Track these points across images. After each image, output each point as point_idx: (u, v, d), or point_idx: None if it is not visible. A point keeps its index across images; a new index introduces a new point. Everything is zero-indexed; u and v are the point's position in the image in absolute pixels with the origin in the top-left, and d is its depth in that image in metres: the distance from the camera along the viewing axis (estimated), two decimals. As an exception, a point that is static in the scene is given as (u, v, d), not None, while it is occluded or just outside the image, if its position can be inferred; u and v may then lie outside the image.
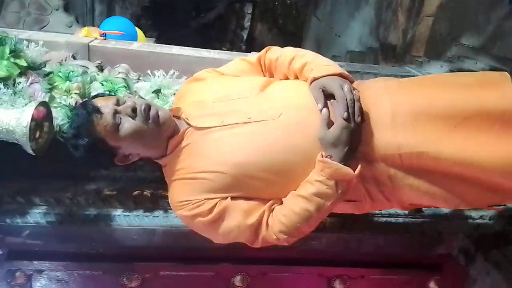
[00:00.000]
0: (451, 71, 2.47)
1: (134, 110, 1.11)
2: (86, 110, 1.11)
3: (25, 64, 1.58)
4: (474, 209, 2.02)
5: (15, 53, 1.58)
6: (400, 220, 1.97)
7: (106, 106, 1.11)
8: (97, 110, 1.10)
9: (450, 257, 2.02)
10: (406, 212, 1.98)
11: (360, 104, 1.08)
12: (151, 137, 1.14)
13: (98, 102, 1.13)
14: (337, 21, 4.73)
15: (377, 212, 1.95)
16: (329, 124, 1.06)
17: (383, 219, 1.95)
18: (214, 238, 1.20)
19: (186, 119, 1.17)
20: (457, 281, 2.08)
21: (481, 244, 1.93)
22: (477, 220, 2.00)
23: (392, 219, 1.96)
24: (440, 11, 3.00)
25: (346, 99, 1.06)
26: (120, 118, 1.10)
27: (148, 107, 1.12)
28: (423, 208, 2.02)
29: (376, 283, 2.07)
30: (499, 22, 2.37)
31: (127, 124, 1.10)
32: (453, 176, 1.10)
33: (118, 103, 1.13)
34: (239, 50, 6.13)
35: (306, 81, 1.16)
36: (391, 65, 3.37)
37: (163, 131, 1.15)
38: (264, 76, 1.28)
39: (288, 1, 5.69)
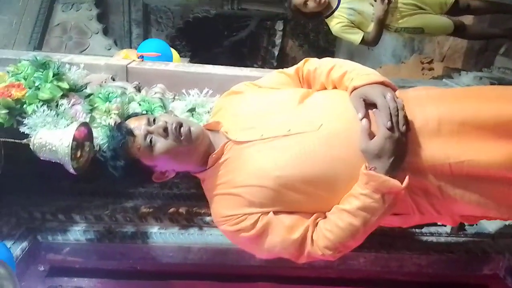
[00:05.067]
0: (492, 83, 2.38)
1: (165, 129, 1.11)
2: (120, 132, 1.14)
3: (67, 86, 1.65)
4: (522, 228, 1.92)
5: (58, 76, 1.65)
6: (442, 239, 1.90)
7: (138, 127, 1.13)
8: (130, 132, 1.12)
9: (497, 277, 1.92)
10: (448, 230, 1.90)
11: (405, 112, 1.04)
12: (185, 154, 1.14)
13: (131, 124, 1.15)
14: (369, 35, 4.68)
15: (417, 230, 1.89)
16: (371, 134, 1.02)
17: (424, 238, 1.89)
18: (258, 254, 1.18)
19: (225, 133, 1.17)
20: (505, 303, 1.96)
21: (530, 264, 1.82)
22: (525, 239, 1.91)
23: (434, 238, 1.89)
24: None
25: (389, 108, 1.02)
26: (153, 139, 1.12)
27: (180, 125, 1.12)
28: (466, 226, 1.94)
29: (418, 305, 1.98)
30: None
31: (159, 144, 1.11)
32: (504, 182, 1.05)
33: (149, 123, 1.15)
34: (271, 66, 6.17)
35: (346, 91, 1.13)
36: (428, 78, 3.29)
37: (197, 147, 1.14)
38: (302, 87, 1.26)
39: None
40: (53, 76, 1.64)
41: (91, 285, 1.91)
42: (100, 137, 1.55)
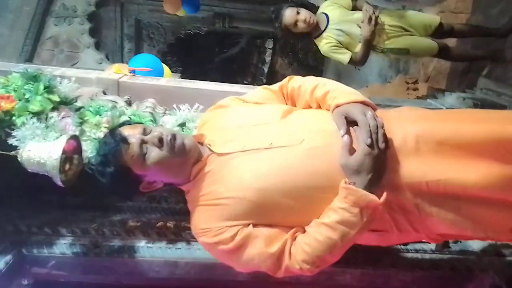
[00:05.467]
0: (475, 104, 2.44)
1: (160, 140, 1.12)
2: (114, 139, 1.13)
3: (58, 99, 1.65)
4: (505, 246, 1.95)
5: (49, 89, 1.66)
6: (427, 256, 1.92)
7: (133, 135, 1.12)
8: (125, 140, 1.12)
9: (481, 295, 1.94)
10: (433, 247, 1.92)
11: (384, 130, 1.07)
12: (177, 166, 1.15)
13: (126, 131, 1.14)
14: (357, 54, 4.78)
15: (403, 247, 1.91)
16: (351, 150, 1.06)
17: (410, 254, 1.91)
18: (236, 266, 1.18)
19: (208, 145, 1.19)
20: (489, 321, 1.98)
21: (514, 282, 1.85)
22: (508, 257, 1.93)
23: (419, 255, 1.91)
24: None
25: (370, 125, 1.06)
26: (147, 148, 1.13)
27: (174, 137, 1.13)
28: (451, 244, 1.97)
29: (404, 322, 1.98)
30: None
31: (153, 154, 1.11)
32: (479, 202, 1.08)
33: (145, 132, 1.15)
34: (260, 83, 6.24)
35: (329, 109, 1.16)
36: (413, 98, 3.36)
37: (188, 159, 1.16)
38: (286, 104, 1.29)
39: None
40: (43, 89, 1.64)
41: (76, 300, 1.88)
42: (89, 150, 1.55)
